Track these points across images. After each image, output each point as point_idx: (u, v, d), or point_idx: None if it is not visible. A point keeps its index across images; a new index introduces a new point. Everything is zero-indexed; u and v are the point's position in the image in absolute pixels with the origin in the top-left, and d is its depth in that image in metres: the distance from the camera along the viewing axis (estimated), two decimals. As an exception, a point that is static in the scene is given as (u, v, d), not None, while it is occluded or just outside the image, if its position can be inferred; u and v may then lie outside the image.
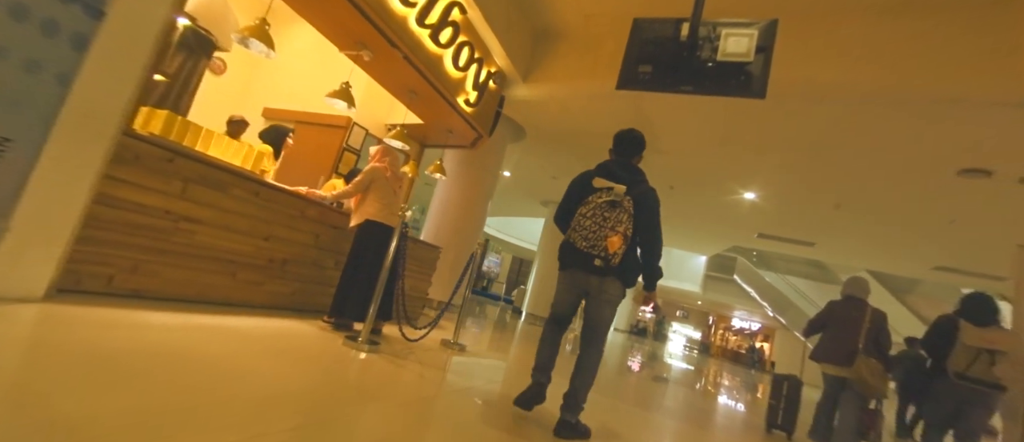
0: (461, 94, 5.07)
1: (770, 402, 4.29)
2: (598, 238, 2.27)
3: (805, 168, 6.93)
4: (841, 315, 3.62)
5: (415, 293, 5.19)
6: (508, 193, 14.55)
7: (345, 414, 1.82)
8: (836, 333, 3.59)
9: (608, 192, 2.34)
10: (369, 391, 2.25)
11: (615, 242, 2.24)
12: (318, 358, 2.56)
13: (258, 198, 3.27)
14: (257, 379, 1.89)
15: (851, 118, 5.29)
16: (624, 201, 2.30)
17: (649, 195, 2.38)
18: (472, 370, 3.53)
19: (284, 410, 1.64)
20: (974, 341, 3.07)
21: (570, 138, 8.19)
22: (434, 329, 3.83)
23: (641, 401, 4.46)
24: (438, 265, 7.85)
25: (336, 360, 2.64)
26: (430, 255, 5.42)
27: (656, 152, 7.73)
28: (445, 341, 4.14)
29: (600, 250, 2.26)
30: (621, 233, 2.25)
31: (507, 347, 5.95)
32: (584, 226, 2.33)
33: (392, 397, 2.23)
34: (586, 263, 2.32)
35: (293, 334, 2.94)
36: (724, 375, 12.42)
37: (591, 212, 2.32)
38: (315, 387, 2.02)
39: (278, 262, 3.53)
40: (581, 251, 2.32)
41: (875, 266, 11.81)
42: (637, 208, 2.32)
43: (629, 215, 2.28)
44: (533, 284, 13.67)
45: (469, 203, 7.94)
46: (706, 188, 8.99)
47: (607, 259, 2.24)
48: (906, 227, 8.05)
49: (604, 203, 2.32)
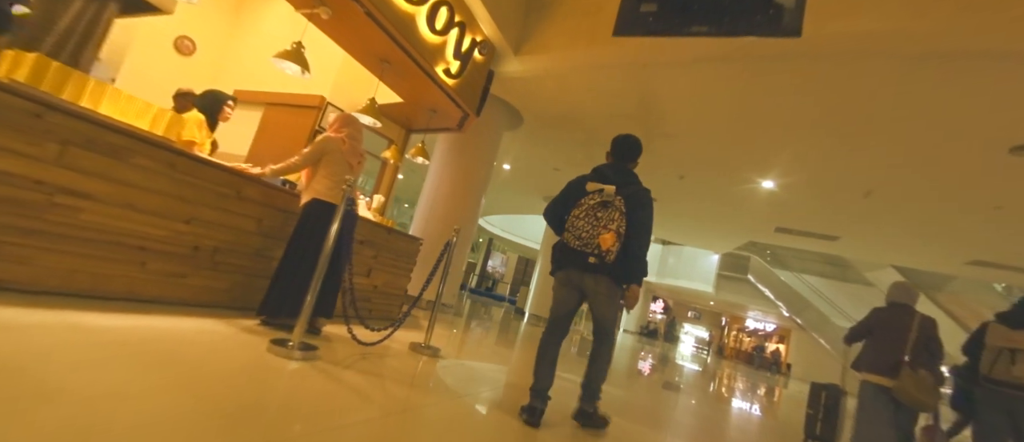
0: (440, 63, 4.45)
1: (808, 411, 4.08)
2: (591, 237, 2.33)
3: (833, 150, 6.20)
4: (886, 323, 3.39)
5: (390, 289, 4.58)
6: (509, 189, 13.93)
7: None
8: (880, 342, 3.36)
9: (599, 194, 2.40)
10: (274, 418, 1.62)
11: (608, 239, 2.28)
12: (220, 370, 1.94)
13: (174, 171, 2.67)
14: (89, 403, 1.28)
15: (892, 83, 4.57)
16: (615, 200, 2.36)
17: (641, 193, 2.43)
18: (440, 380, 2.90)
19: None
20: (998, 341, 3.03)
21: (570, 123, 7.54)
22: (404, 330, 3.21)
23: (650, 415, 3.79)
24: (427, 264, 7.28)
25: (245, 372, 2.02)
26: (409, 247, 4.81)
27: (664, 136, 7.05)
28: (416, 345, 3.52)
29: (593, 247, 2.32)
30: (614, 230, 2.30)
31: (494, 350, 5.31)
32: (577, 226, 2.40)
33: (310, 425, 1.60)
34: (580, 261, 2.36)
35: (202, 338, 2.33)
36: (739, 379, 11.64)
37: (584, 213, 2.40)
38: (187, 414, 1.40)
39: (207, 251, 2.93)
40: (574, 250, 2.39)
41: (903, 261, 10.93)
42: (629, 206, 2.36)
43: (621, 213, 2.34)
44: (536, 283, 13.02)
45: (461, 195, 7.33)
46: (719, 176, 8.27)
47: (601, 255, 2.30)
48: (944, 216, 7.25)
49: (596, 204, 2.39)
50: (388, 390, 2.33)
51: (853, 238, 9.61)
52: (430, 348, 3.49)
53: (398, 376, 2.64)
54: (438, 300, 3.66)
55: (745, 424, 4.88)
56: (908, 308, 3.34)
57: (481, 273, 23.67)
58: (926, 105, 4.78)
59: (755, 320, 28.25)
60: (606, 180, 2.47)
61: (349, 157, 3.21)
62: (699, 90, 5.53)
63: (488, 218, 21.80)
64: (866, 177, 6.62)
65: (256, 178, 3.13)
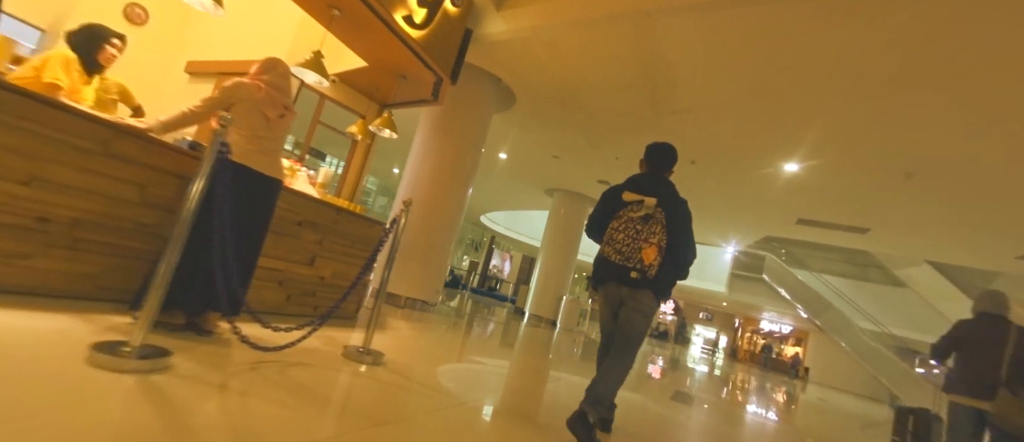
0: (399, 8, 3.71)
1: (893, 439, 3.92)
2: (633, 250, 2.27)
3: (871, 121, 5.33)
4: (977, 337, 3.07)
5: (342, 282, 3.84)
6: (509, 182, 13.16)
7: None
8: (972, 359, 3.04)
9: (639, 206, 2.33)
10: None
11: (651, 253, 2.23)
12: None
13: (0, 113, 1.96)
14: None
15: (950, 28, 3.73)
16: (656, 213, 2.29)
17: (681, 205, 2.37)
18: (361, 401, 2.14)
19: None
20: None
21: (567, 99, 6.75)
22: (352, 330, 2.47)
23: (660, 431, 3.00)
24: (402, 257, 6.54)
25: (37, 390, 1.28)
26: (367, 233, 4.06)
27: (673, 113, 6.24)
28: (352, 349, 2.76)
29: (636, 262, 2.26)
30: (655, 244, 2.24)
31: (468, 356, 4.54)
32: (617, 240, 2.34)
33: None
34: (622, 275, 2.30)
35: (20, 339, 1.61)
36: (756, 386, 10.73)
37: (623, 226, 2.34)
38: None
39: (62, 224, 2.21)
40: (616, 264, 2.33)
41: (940, 256, 9.88)
42: (670, 219, 2.30)
43: (662, 226, 2.28)
44: (536, 281, 12.23)
45: (444, 182, 6.58)
46: (736, 160, 7.42)
47: (643, 271, 2.24)
48: (997, 201, 6.31)
49: (636, 217, 2.32)
50: (247, 421, 1.57)
51: (886, 230, 8.66)
52: (370, 354, 2.74)
53: (289, 397, 1.89)
54: (382, 289, 2.90)
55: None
56: (1001, 319, 3.01)
57: (483, 272, 22.92)
58: (986, 57, 3.92)
59: (770, 322, 27.16)
60: (644, 191, 2.36)
61: (264, 107, 2.49)
62: (714, 51, 4.72)
63: (490, 215, 21.05)
64: (909, 154, 5.73)
65: (136, 130, 2.41)
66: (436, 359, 3.59)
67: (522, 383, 3.74)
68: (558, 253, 12.26)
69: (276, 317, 3.03)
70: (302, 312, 3.57)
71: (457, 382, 3.00)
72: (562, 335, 9.53)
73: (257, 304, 3.01)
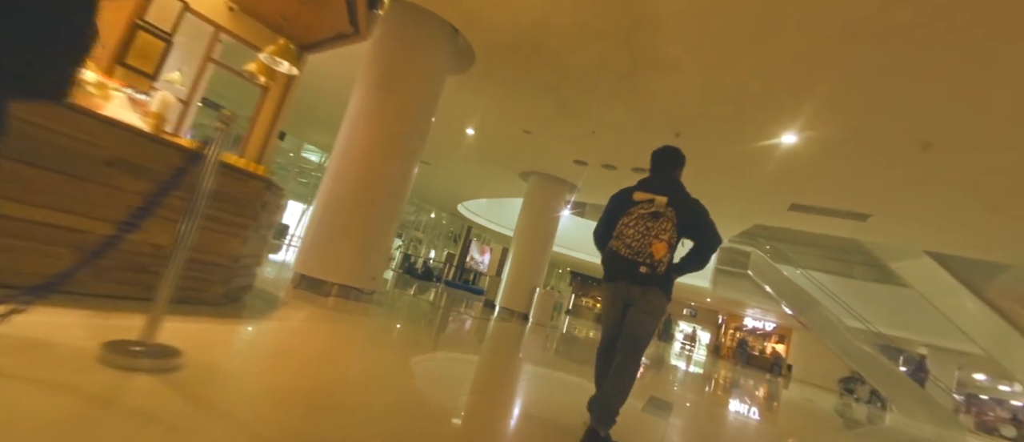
0: None
1: None
2: (643, 245, 2.26)
3: (888, 78, 4.45)
4: None
5: (197, 254, 2.79)
6: (480, 166, 12.15)
7: None
8: None
9: (649, 204, 2.31)
10: None
11: (661, 249, 2.22)
12: None
13: None
14: None
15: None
16: (666, 211, 2.28)
17: (694, 202, 2.36)
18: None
19: None
20: None
21: (532, 51, 5.75)
22: (185, 319, 1.45)
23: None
24: (329, 237, 5.51)
25: None
26: (242, 191, 3.02)
27: (656, 66, 5.29)
28: (123, 345, 1.72)
29: (645, 256, 2.24)
30: (665, 241, 2.23)
31: (342, 363, 3.53)
32: (627, 235, 2.31)
33: None
34: (631, 270, 2.29)
35: None
36: (745, 386, 9.94)
37: (633, 222, 2.32)
38: None
39: None
40: (625, 259, 2.29)
41: (943, 246, 9.07)
42: (680, 215, 2.28)
43: (673, 224, 2.27)
44: (508, 272, 11.26)
45: (384, 151, 5.53)
46: (727, 131, 6.51)
47: (653, 266, 2.22)
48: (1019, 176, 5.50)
49: (646, 214, 2.30)
50: None
51: (888, 216, 7.86)
52: (152, 353, 1.71)
53: None
54: (177, 251, 1.85)
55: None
56: None
57: (460, 264, 21.85)
58: None
59: (754, 319, 26.72)
60: (655, 190, 2.36)
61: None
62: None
63: (467, 204, 20.02)
64: (929, 118, 4.86)
65: None
66: (281, 370, 2.50)
67: (391, 426, 1.90)
68: (532, 242, 11.30)
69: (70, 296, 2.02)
70: (125, 293, 2.53)
71: (267, 413, 1.97)
72: (533, 332, 8.56)
73: (27, 277, 1.97)
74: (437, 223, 25.72)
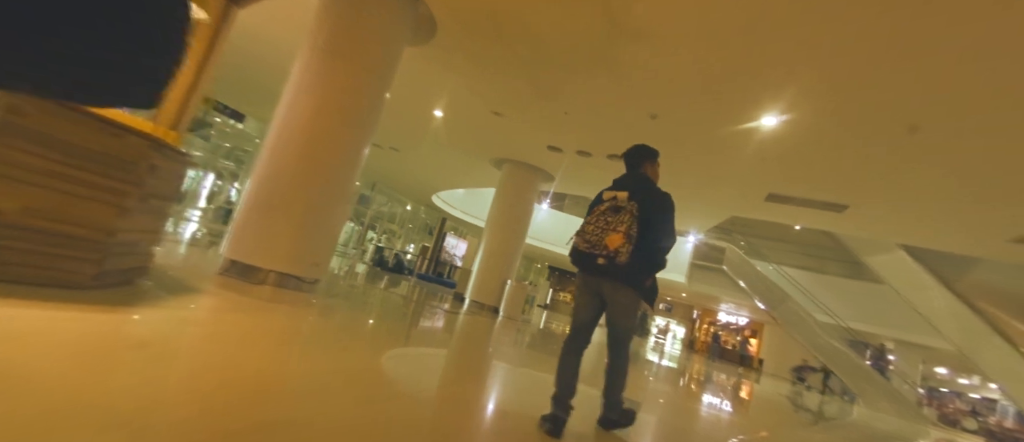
0: None
1: None
2: (599, 239, 2.34)
3: (881, 53, 4.11)
4: None
5: (38, 221, 2.20)
6: (452, 153, 11.57)
7: None
8: None
9: (613, 200, 2.41)
10: None
11: (615, 239, 2.26)
12: None
13: None
14: None
15: None
16: (628, 205, 2.34)
17: (656, 194, 2.49)
18: None
19: None
20: None
21: (501, 20, 5.24)
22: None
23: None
24: (264, 218, 4.92)
25: None
26: (116, 148, 2.44)
27: (632, 36, 4.86)
28: None
29: (601, 249, 2.31)
30: (622, 232, 2.27)
31: (205, 371, 2.99)
32: (587, 231, 2.41)
33: None
34: (590, 263, 2.40)
35: None
36: (717, 381, 9.71)
37: (595, 218, 2.41)
38: None
39: None
40: (584, 253, 2.41)
41: (919, 240, 8.91)
42: (641, 208, 2.33)
43: (632, 216, 2.30)
44: (479, 264, 10.77)
45: (330, 124, 4.95)
46: (706, 113, 6.14)
47: (609, 257, 2.28)
48: (1017, 161, 5.25)
49: (607, 209, 2.40)
50: None
51: (867, 206, 7.65)
52: None
53: None
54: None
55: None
56: None
57: (433, 257, 21.21)
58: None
59: (727, 314, 26.96)
60: (619, 187, 2.49)
61: None
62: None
63: (442, 195, 19.39)
64: (917, 98, 4.55)
65: None
66: (110, 373, 1.97)
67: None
68: (505, 233, 10.82)
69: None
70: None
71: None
72: (503, 326, 8.09)
73: None
74: (414, 215, 24.98)
